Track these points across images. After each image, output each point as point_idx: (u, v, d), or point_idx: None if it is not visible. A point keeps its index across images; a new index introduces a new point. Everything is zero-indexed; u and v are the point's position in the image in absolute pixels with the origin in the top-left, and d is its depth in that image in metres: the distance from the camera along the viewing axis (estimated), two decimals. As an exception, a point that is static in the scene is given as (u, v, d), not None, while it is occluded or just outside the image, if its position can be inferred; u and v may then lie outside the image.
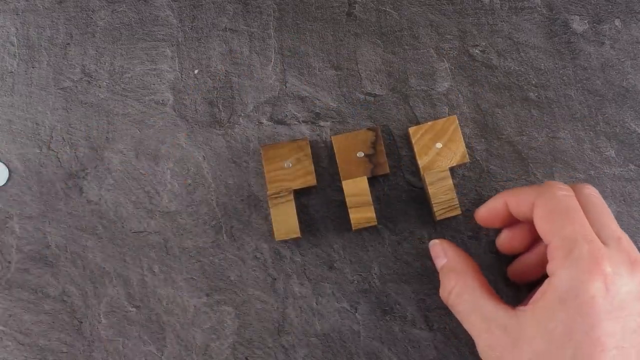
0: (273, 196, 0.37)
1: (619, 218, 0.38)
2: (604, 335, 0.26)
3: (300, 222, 0.39)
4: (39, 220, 0.39)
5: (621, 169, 0.39)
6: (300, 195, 0.39)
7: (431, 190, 0.37)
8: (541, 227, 0.30)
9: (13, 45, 0.42)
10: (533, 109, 0.40)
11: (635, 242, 0.38)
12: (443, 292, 0.34)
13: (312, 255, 0.39)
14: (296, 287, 0.38)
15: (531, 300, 0.29)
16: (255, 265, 0.39)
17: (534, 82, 0.40)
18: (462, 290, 0.32)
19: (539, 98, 0.40)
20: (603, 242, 0.28)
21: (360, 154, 0.38)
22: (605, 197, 0.37)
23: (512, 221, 0.35)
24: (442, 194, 0.37)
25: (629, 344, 0.27)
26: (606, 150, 0.39)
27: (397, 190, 0.39)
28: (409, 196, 0.39)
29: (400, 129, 0.40)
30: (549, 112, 0.40)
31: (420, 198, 0.39)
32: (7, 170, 0.40)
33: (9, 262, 0.39)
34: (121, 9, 0.42)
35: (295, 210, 0.37)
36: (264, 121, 0.40)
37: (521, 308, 0.30)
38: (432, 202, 0.37)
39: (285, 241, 0.39)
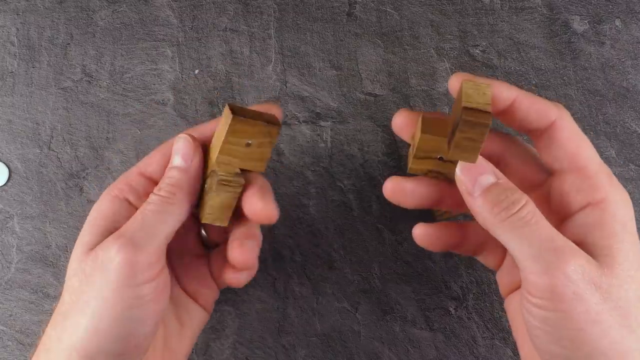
0: (222, 182, 0.31)
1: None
2: None
3: (300, 222, 0.39)
4: (39, 220, 0.39)
5: (621, 169, 0.39)
6: (300, 195, 0.39)
7: (431, 190, 0.37)
8: (567, 151, 0.29)
9: (13, 45, 0.42)
10: (533, 109, 0.40)
11: (635, 242, 0.38)
12: (501, 206, 0.27)
13: (312, 255, 0.39)
14: (296, 287, 0.38)
15: (583, 227, 0.28)
16: (255, 265, 0.39)
17: (534, 82, 0.40)
18: (534, 206, 0.27)
19: (539, 98, 0.40)
20: None
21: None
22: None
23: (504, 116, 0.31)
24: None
25: None
26: (606, 150, 0.39)
27: (398, 190, 0.39)
28: (409, 196, 0.39)
29: (400, 129, 0.40)
30: (549, 112, 0.40)
31: (420, 198, 0.39)
32: (8, 170, 0.40)
33: (10, 262, 0.39)
34: (121, 9, 0.42)
35: (235, 203, 0.32)
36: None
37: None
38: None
39: (285, 241, 0.39)
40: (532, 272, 0.26)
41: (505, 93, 0.29)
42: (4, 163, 0.40)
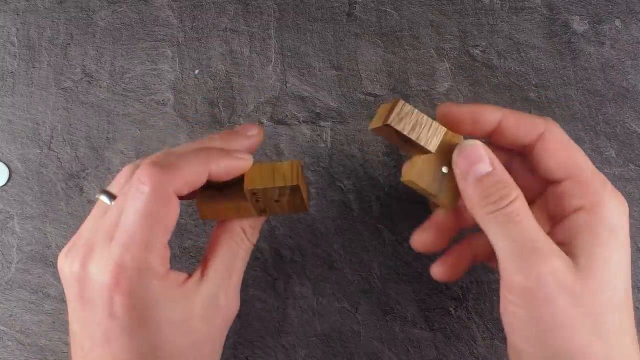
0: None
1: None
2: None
3: (300, 222, 0.39)
4: (39, 221, 0.39)
5: (621, 169, 0.39)
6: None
7: (431, 190, 0.37)
8: (559, 160, 0.29)
9: (14, 46, 0.42)
10: (533, 109, 0.40)
11: (635, 243, 0.38)
12: (490, 199, 0.27)
13: (312, 255, 0.39)
14: (296, 287, 0.38)
15: (571, 231, 0.28)
16: (255, 265, 0.39)
17: (534, 82, 0.40)
18: (524, 203, 0.27)
19: (539, 98, 0.40)
20: None
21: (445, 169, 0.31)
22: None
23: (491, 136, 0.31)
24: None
25: None
26: (606, 150, 0.39)
27: (397, 191, 0.39)
28: (409, 196, 0.39)
29: (400, 129, 0.40)
30: (549, 112, 0.40)
31: (420, 198, 0.39)
32: (8, 170, 0.40)
33: (10, 262, 0.39)
34: (121, 9, 0.42)
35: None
36: (265, 121, 0.40)
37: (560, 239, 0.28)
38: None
39: (285, 241, 0.39)
40: (509, 269, 0.27)
41: (490, 116, 0.29)
42: (4, 163, 0.40)
